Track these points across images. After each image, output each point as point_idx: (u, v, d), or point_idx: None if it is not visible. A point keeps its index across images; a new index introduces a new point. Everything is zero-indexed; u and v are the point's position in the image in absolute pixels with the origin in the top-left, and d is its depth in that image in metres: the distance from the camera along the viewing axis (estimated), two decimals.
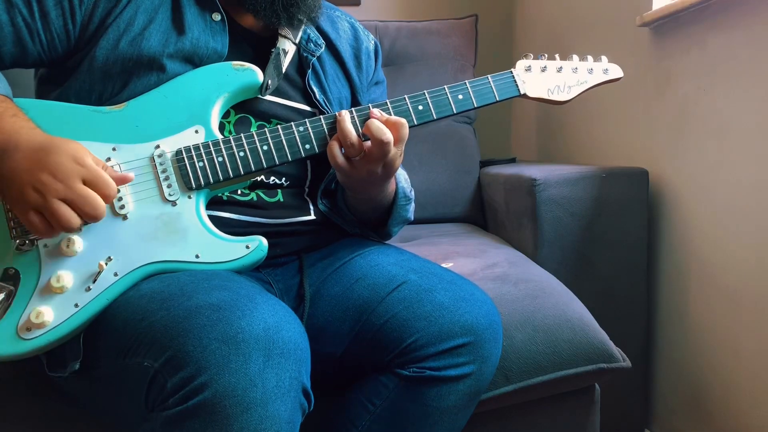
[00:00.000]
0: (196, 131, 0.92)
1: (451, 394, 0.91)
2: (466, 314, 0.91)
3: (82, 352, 0.84)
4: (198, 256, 0.88)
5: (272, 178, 1.00)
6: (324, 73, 1.08)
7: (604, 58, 1.08)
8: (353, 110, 0.95)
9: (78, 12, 0.93)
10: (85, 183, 0.80)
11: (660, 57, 1.50)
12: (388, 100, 0.97)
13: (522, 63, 1.04)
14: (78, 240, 0.85)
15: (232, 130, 0.98)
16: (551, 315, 1.09)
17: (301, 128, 0.94)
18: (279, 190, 1.01)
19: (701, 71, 1.35)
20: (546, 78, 1.04)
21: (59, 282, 0.83)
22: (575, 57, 1.06)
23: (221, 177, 0.91)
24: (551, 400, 1.13)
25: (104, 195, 0.81)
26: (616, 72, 1.07)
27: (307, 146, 0.94)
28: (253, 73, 0.96)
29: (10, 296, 0.83)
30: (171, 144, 0.91)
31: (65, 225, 0.80)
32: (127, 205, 0.88)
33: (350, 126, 0.92)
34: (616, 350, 1.10)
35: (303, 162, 1.04)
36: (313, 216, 1.04)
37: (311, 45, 1.07)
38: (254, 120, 1.00)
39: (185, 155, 0.90)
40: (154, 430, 0.74)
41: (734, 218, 1.27)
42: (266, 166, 0.93)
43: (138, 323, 0.78)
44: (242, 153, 0.92)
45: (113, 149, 0.89)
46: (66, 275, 0.84)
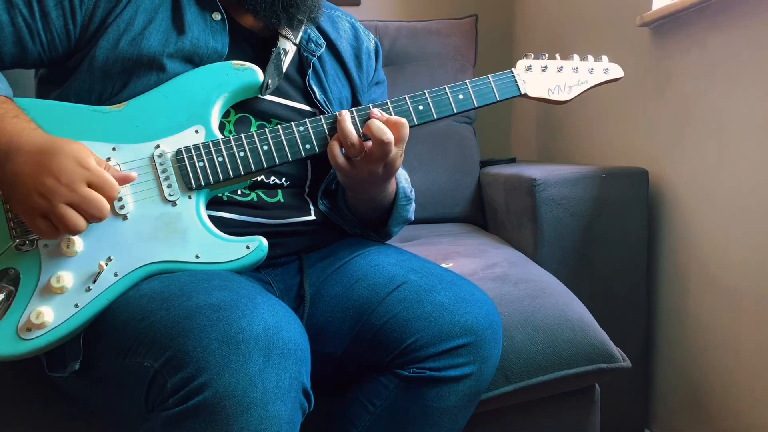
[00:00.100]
0: (196, 131, 0.92)
1: (451, 395, 0.91)
2: (466, 315, 0.91)
3: (82, 352, 0.84)
4: (198, 257, 0.88)
5: (272, 178, 1.00)
6: (324, 73, 1.07)
7: (605, 58, 1.08)
8: (353, 110, 0.95)
9: (78, 12, 0.93)
10: (90, 185, 0.80)
11: (660, 57, 1.50)
12: (389, 100, 0.97)
13: (522, 63, 1.04)
14: (78, 240, 0.85)
15: (232, 130, 0.98)
16: (551, 315, 1.09)
17: (302, 128, 0.94)
18: (279, 190, 1.01)
19: (701, 71, 1.35)
20: (546, 78, 1.04)
21: (59, 282, 0.83)
22: (576, 57, 1.06)
23: (221, 177, 0.91)
24: (551, 400, 1.13)
25: (108, 197, 0.82)
26: (617, 72, 1.07)
27: (308, 146, 0.94)
28: (254, 73, 0.96)
29: (10, 296, 0.83)
30: (171, 144, 0.91)
31: (72, 229, 0.80)
32: (127, 206, 0.88)
33: (351, 126, 0.92)
34: (616, 350, 1.10)
35: (303, 162, 1.04)
36: (314, 216, 1.04)
37: (312, 45, 1.07)
38: (254, 120, 1.00)
39: (185, 155, 0.90)
40: (154, 430, 0.74)
41: (734, 218, 1.27)
42: (266, 166, 0.93)
43: (138, 323, 0.78)
44: (242, 153, 0.92)
45: (113, 149, 0.89)
46: (66, 275, 0.84)
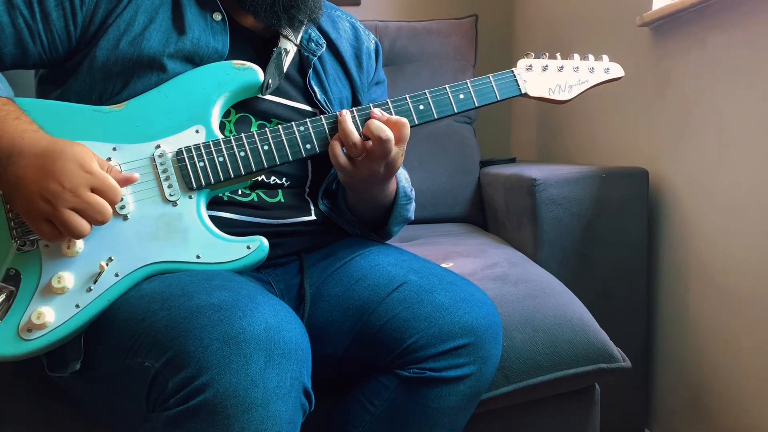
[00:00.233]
0: (197, 131, 0.92)
1: (452, 395, 0.91)
2: (466, 315, 0.91)
3: (83, 353, 0.84)
4: (199, 257, 0.88)
5: (273, 178, 1.00)
6: (325, 73, 1.07)
7: (605, 57, 1.08)
8: (354, 110, 0.95)
9: (79, 13, 0.93)
10: (93, 190, 0.80)
11: (660, 57, 1.50)
12: (389, 100, 0.97)
13: (523, 62, 1.04)
14: (79, 241, 0.85)
15: (233, 130, 0.98)
16: (551, 315, 1.09)
17: (302, 128, 0.94)
18: (280, 191, 1.01)
19: (701, 71, 1.35)
20: (547, 77, 1.04)
21: (60, 283, 0.83)
22: (576, 56, 1.06)
23: (222, 177, 0.91)
24: (551, 400, 1.13)
25: (110, 201, 0.82)
26: (617, 71, 1.07)
27: (308, 146, 0.94)
28: (254, 73, 0.96)
29: (11, 297, 0.83)
30: (171, 144, 0.91)
31: (76, 233, 0.80)
32: (128, 206, 0.88)
33: (352, 126, 0.92)
34: (616, 350, 1.10)
35: (304, 162, 1.04)
36: (314, 216, 1.04)
37: (312, 45, 1.07)
38: (255, 119, 1.00)
39: (186, 155, 0.90)
40: (155, 430, 0.73)
41: (734, 218, 1.27)
42: (267, 166, 0.93)
43: (139, 323, 0.78)
44: (243, 153, 0.92)
45: (114, 149, 0.89)
46: (67, 276, 0.84)
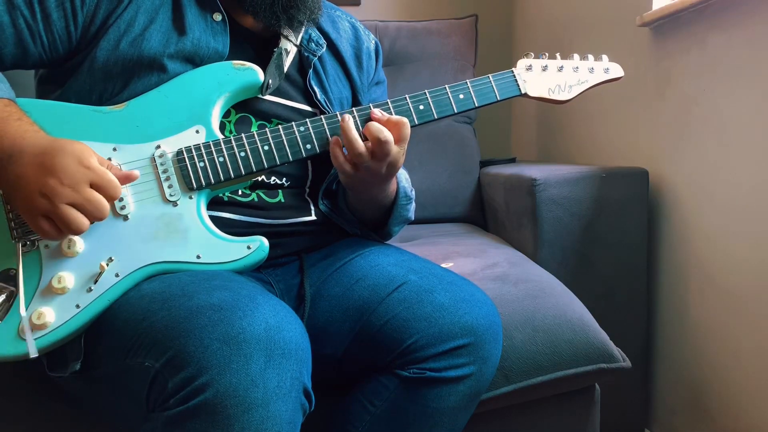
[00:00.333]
0: (197, 131, 0.92)
1: (452, 395, 0.91)
2: (466, 315, 0.91)
3: (83, 353, 0.84)
4: (199, 257, 0.88)
5: (273, 179, 1.00)
6: (325, 73, 1.07)
7: (605, 57, 1.08)
8: (354, 110, 0.95)
9: (80, 13, 0.93)
10: (92, 186, 0.80)
11: (660, 57, 1.50)
12: (389, 100, 0.97)
13: (523, 62, 1.04)
14: (79, 241, 0.85)
15: (233, 130, 0.98)
16: (551, 315, 1.09)
17: (302, 128, 0.94)
18: (280, 191, 1.01)
19: (701, 71, 1.35)
20: (547, 77, 1.04)
21: (60, 283, 0.83)
22: (576, 56, 1.06)
23: (222, 177, 0.91)
24: (551, 400, 1.13)
25: (110, 197, 0.82)
26: (617, 71, 1.07)
27: (308, 146, 0.94)
28: (254, 73, 0.96)
29: (11, 297, 0.83)
30: (172, 144, 0.91)
31: (75, 229, 0.80)
32: (128, 206, 0.88)
33: (356, 134, 0.91)
34: (616, 350, 1.10)
35: (304, 162, 1.04)
36: (314, 216, 1.04)
37: (312, 45, 1.07)
38: (255, 120, 1.00)
39: (186, 155, 0.90)
40: (155, 430, 0.73)
41: (734, 218, 1.27)
42: (267, 166, 0.93)
43: (139, 323, 0.78)
44: (243, 153, 0.92)
45: (114, 149, 0.89)
46: (67, 276, 0.84)
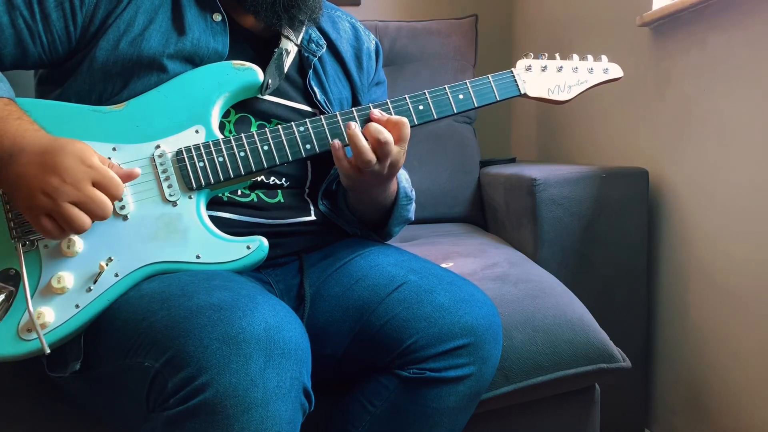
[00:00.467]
0: (197, 131, 0.92)
1: (451, 395, 0.91)
2: (466, 315, 0.91)
3: (83, 352, 0.84)
4: (199, 257, 0.88)
5: (272, 179, 1.00)
6: (325, 74, 1.07)
7: (605, 58, 1.08)
8: (354, 110, 0.95)
9: (79, 13, 0.93)
10: (94, 184, 0.80)
11: (660, 57, 1.50)
12: (389, 100, 0.97)
13: (522, 62, 1.04)
14: (78, 241, 0.85)
15: (233, 130, 0.98)
16: (551, 315, 1.09)
17: (302, 128, 0.94)
18: (279, 191, 1.01)
19: (701, 71, 1.35)
20: (546, 77, 1.04)
21: (60, 283, 0.83)
22: (575, 56, 1.06)
23: (222, 177, 0.91)
24: (551, 400, 1.13)
25: (112, 195, 0.82)
26: (617, 71, 1.07)
27: (308, 146, 0.94)
28: (254, 73, 0.96)
29: (11, 297, 0.83)
30: (171, 144, 0.91)
31: (77, 228, 0.80)
32: (128, 206, 0.88)
33: (365, 142, 0.91)
34: (616, 350, 1.10)
35: (303, 162, 1.04)
36: (314, 216, 1.04)
37: (312, 45, 1.07)
38: (254, 120, 1.00)
39: (186, 155, 0.90)
40: (155, 430, 0.73)
41: (734, 218, 1.27)
42: (267, 166, 0.93)
43: (139, 323, 0.78)
44: (243, 153, 0.92)
45: (113, 149, 0.89)
46: (67, 276, 0.84)
